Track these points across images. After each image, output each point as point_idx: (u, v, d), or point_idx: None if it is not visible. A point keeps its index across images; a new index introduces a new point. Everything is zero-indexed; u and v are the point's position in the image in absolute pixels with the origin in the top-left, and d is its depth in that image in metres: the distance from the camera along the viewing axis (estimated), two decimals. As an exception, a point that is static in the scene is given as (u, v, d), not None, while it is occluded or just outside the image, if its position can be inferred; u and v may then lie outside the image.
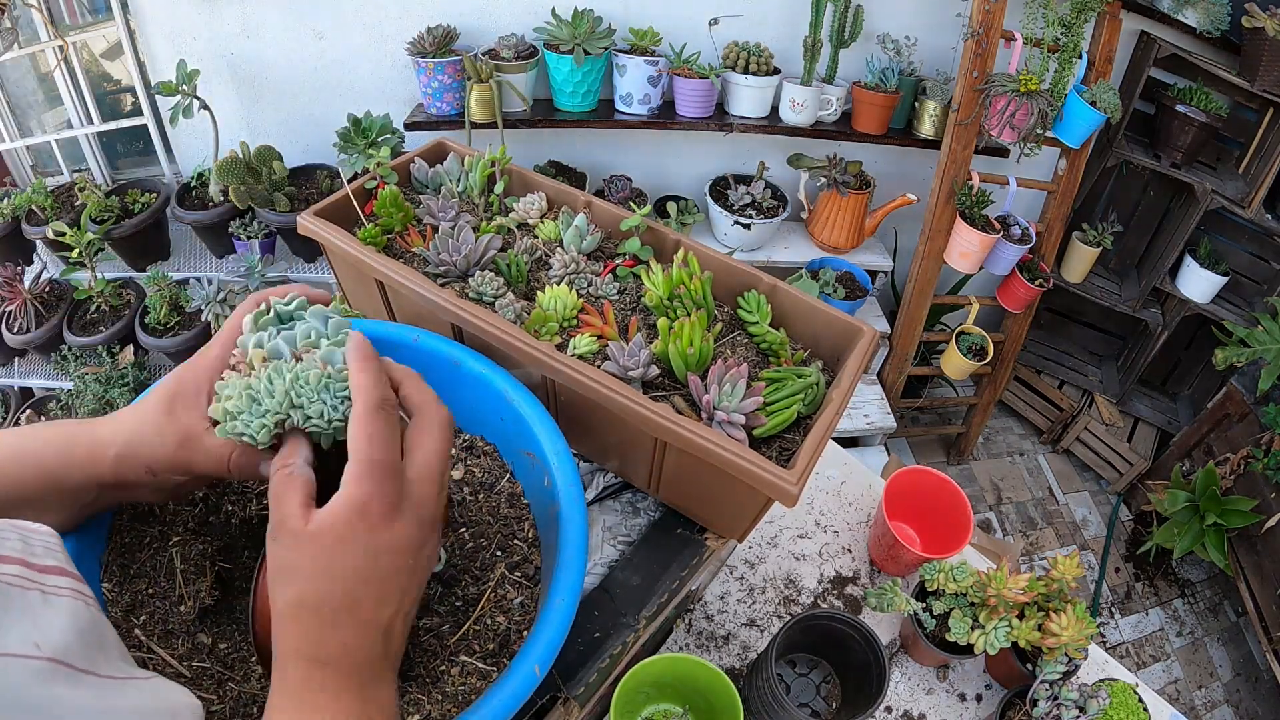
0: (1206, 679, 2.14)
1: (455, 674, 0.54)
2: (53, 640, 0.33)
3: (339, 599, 0.41)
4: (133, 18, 1.73)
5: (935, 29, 1.98)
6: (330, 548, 0.41)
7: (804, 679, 0.90)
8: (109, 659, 0.37)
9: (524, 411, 0.62)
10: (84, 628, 0.36)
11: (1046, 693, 0.80)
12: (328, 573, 0.41)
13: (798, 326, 0.74)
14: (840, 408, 0.63)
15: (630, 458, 0.72)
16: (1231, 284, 2.21)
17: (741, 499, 0.65)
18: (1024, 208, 2.10)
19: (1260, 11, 1.80)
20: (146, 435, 0.46)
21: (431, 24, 1.76)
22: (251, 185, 1.71)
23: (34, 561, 0.36)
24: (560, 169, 2.05)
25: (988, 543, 1.74)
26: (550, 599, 0.51)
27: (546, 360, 0.62)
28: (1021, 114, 1.72)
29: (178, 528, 0.57)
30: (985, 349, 2.12)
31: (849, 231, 2.10)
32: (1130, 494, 2.55)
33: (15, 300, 1.75)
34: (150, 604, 0.53)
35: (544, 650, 0.48)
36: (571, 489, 0.57)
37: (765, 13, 1.91)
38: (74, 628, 0.35)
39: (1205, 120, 1.94)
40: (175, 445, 0.46)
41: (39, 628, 0.33)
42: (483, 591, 0.59)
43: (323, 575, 0.41)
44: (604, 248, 0.81)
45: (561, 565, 0.53)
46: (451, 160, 0.87)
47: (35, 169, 2.09)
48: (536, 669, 0.47)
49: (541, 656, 0.48)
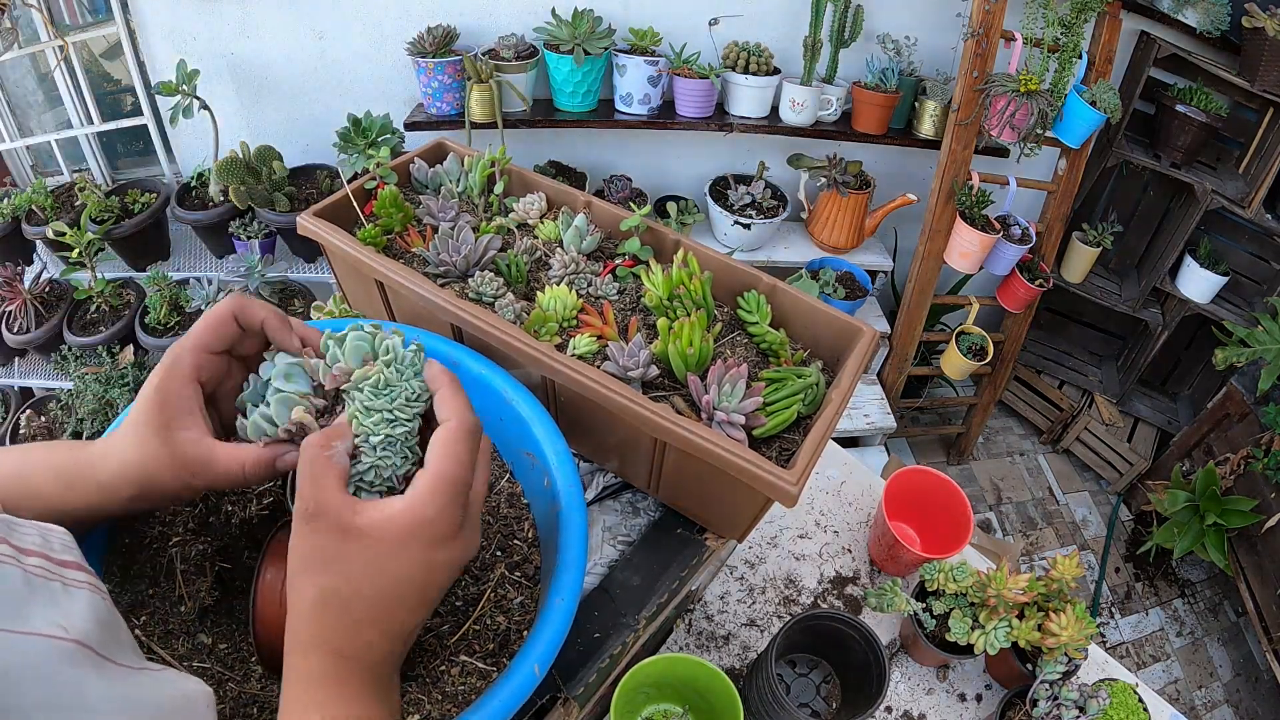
0: (1206, 679, 2.14)
1: (455, 674, 0.54)
2: (77, 625, 0.34)
3: (377, 601, 0.41)
4: (133, 18, 1.73)
5: (935, 29, 1.98)
6: (385, 551, 0.41)
7: (804, 679, 0.90)
8: (124, 651, 0.37)
9: (524, 412, 0.62)
10: (103, 618, 0.36)
11: (1046, 693, 0.80)
12: (376, 574, 0.41)
13: (798, 326, 0.74)
14: (840, 408, 0.63)
15: (630, 458, 0.72)
16: (1231, 284, 2.21)
17: (741, 499, 0.65)
18: (1024, 208, 2.10)
19: (1260, 11, 1.80)
20: (158, 475, 0.45)
21: (431, 24, 1.76)
22: (251, 185, 1.71)
23: (54, 555, 0.37)
24: (560, 169, 2.05)
25: (988, 543, 1.74)
26: (550, 599, 0.51)
27: (546, 360, 0.62)
28: (1021, 114, 1.72)
29: (177, 528, 0.57)
30: (985, 349, 2.12)
31: (849, 231, 2.10)
32: (1130, 494, 2.55)
33: (15, 300, 1.75)
34: (150, 604, 0.53)
35: (544, 650, 0.48)
36: (572, 490, 0.57)
37: (765, 13, 1.91)
38: (94, 617, 0.36)
39: (1205, 120, 1.94)
40: (189, 475, 0.46)
41: (63, 613, 0.34)
42: (482, 591, 0.59)
43: (369, 575, 0.41)
44: (604, 248, 0.81)
45: (562, 565, 0.53)
46: (451, 160, 0.87)
47: (35, 169, 2.09)
48: (536, 669, 0.47)
49: (541, 656, 0.48)
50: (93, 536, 0.53)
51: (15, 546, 0.35)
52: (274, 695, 0.52)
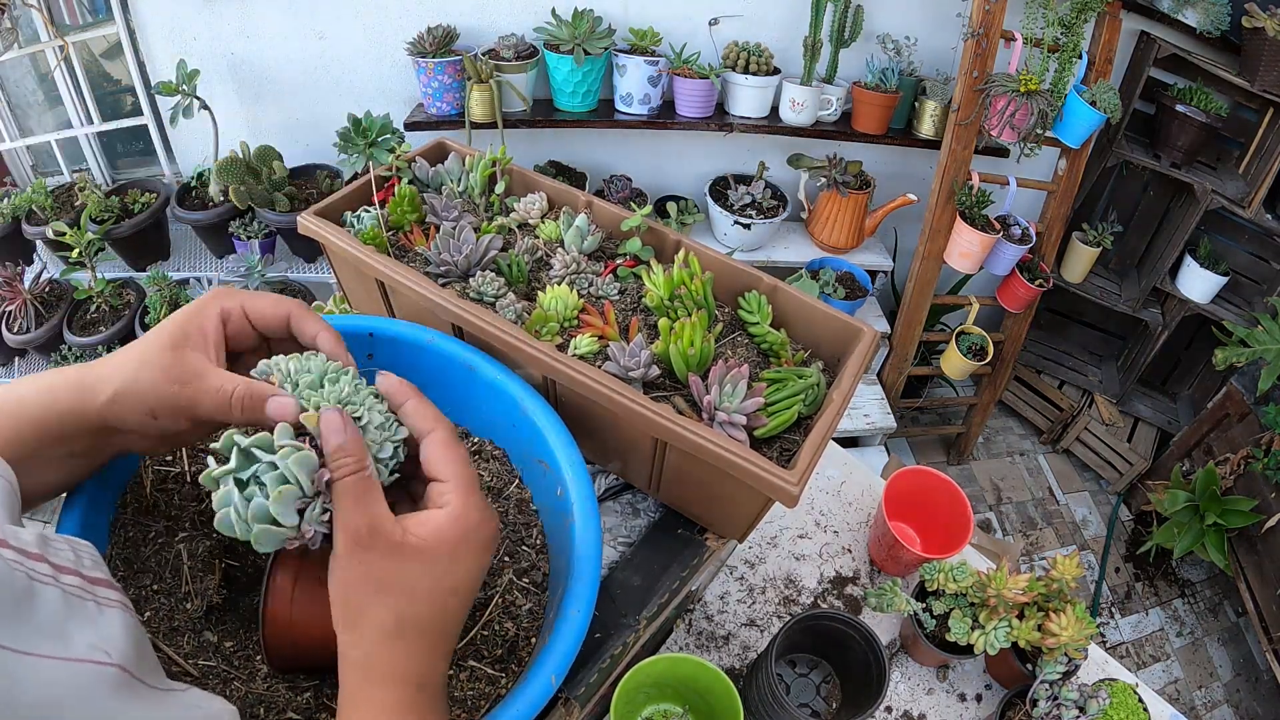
0: (1206, 679, 2.14)
1: (463, 679, 0.54)
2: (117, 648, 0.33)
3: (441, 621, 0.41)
4: (133, 18, 1.73)
5: (935, 29, 1.98)
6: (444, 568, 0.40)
7: (804, 679, 0.90)
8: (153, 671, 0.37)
9: (539, 421, 0.62)
10: (136, 637, 0.36)
11: (1046, 693, 0.80)
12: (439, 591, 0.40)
13: (798, 327, 0.74)
14: (841, 408, 0.63)
15: (631, 458, 0.72)
16: (1231, 284, 2.21)
17: (742, 499, 0.65)
18: (1024, 208, 2.10)
19: (1260, 11, 1.80)
20: (149, 374, 0.44)
21: (431, 24, 1.76)
22: (251, 185, 1.71)
23: (86, 573, 0.36)
24: (560, 169, 2.05)
25: (988, 543, 1.74)
26: (564, 610, 0.51)
27: (547, 360, 0.62)
28: (1021, 114, 1.72)
29: (184, 523, 0.57)
30: (985, 349, 2.12)
31: (849, 231, 2.10)
32: (1130, 494, 2.55)
33: (15, 300, 1.75)
34: (155, 600, 0.53)
35: (559, 661, 0.48)
36: (587, 502, 0.57)
37: (765, 13, 1.91)
38: (129, 637, 0.35)
39: (1205, 120, 1.94)
40: (181, 383, 0.44)
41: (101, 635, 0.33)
42: (490, 597, 0.59)
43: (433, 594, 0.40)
44: (604, 248, 0.81)
45: (575, 577, 0.53)
46: (452, 160, 0.87)
47: (35, 169, 2.09)
48: (553, 679, 0.47)
49: (557, 668, 0.48)
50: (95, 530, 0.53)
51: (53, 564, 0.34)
52: (279, 695, 0.52)
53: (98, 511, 0.53)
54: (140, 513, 0.56)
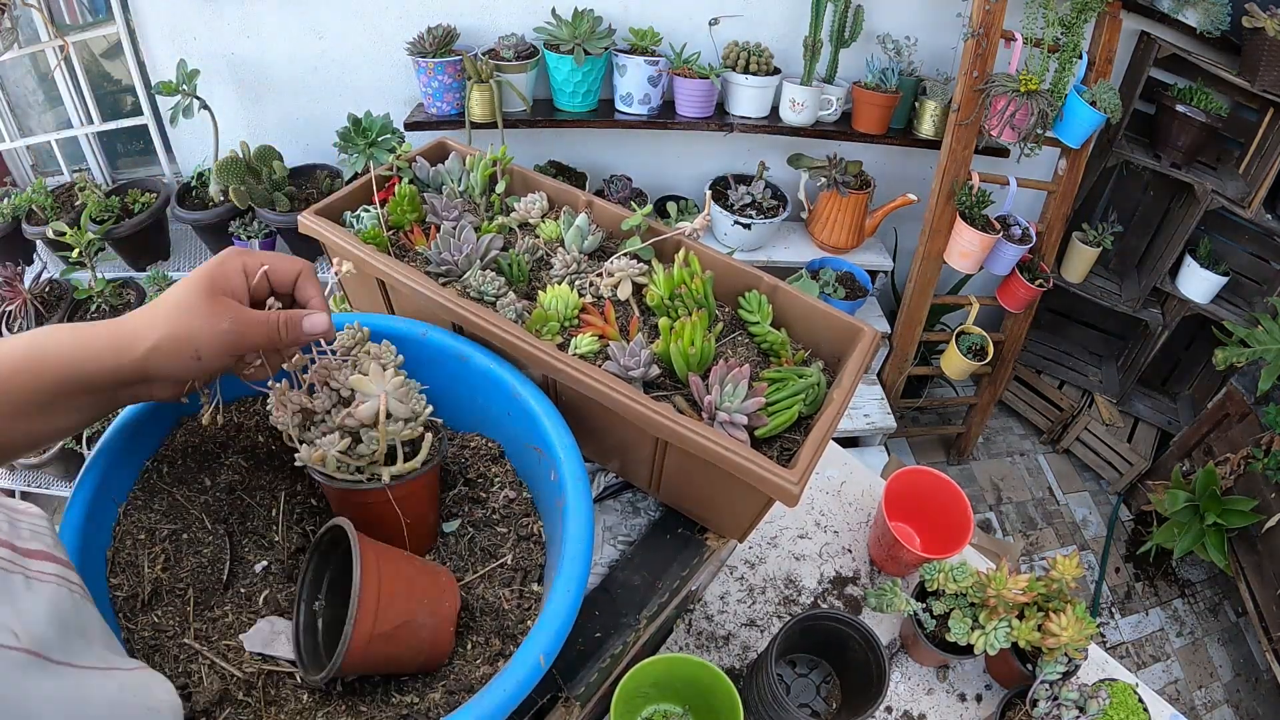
0: (1206, 679, 2.14)
1: (459, 663, 0.54)
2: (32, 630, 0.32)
3: None
4: (133, 17, 1.73)
5: (935, 29, 1.98)
6: None
7: (804, 679, 0.90)
8: (90, 647, 0.36)
9: (532, 406, 0.63)
10: (65, 616, 0.35)
11: (1046, 693, 0.80)
12: None
13: (799, 327, 0.74)
14: (841, 408, 0.63)
15: (631, 458, 0.72)
16: (1231, 284, 2.21)
17: (742, 499, 0.65)
18: (1024, 208, 2.11)
19: (1260, 12, 1.80)
20: (194, 319, 0.48)
21: (431, 24, 1.76)
22: (251, 185, 1.71)
23: (19, 545, 0.35)
24: (560, 169, 2.05)
25: (988, 543, 1.74)
26: (555, 589, 0.51)
27: (547, 360, 0.62)
28: (1021, 114, 1.72)
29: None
30: (985, 349, 2.12)
31: (849, 231, 2.10)
32: (1130, 494, 2.55)
33: (15, 300, 1.75)
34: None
35: (549, 640, 0.48)
36: (579, 483, 0.57)
37: (765, 13, 1.91)
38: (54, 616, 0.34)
39: (1205, 120, 1.94)
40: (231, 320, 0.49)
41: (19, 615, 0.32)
42: (488, 584, 0.59)
43: None
44: (605, 247, 0.81)
45: (566, 557, 0.53)
46: (453, 160, 0.87)
47: (35, 169, 2.09)
48: (541, 659, 0.47)
49: (547, 647, 0.48)
50: None
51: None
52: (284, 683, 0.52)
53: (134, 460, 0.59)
54: None
